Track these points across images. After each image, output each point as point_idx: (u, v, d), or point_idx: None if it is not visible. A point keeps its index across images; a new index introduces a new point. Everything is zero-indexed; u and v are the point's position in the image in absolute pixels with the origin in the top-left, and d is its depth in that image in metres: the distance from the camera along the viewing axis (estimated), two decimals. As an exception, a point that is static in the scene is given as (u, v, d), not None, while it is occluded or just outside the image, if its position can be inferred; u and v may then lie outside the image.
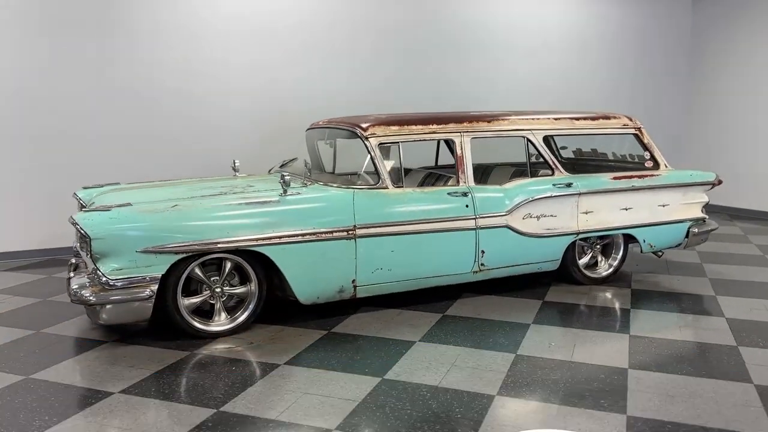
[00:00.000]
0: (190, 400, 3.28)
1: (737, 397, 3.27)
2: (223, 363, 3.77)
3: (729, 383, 3.44)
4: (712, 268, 5.95)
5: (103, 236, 3.81)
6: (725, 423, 3.00)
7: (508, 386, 3.40)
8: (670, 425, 2.99)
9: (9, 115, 6.18)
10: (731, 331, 4.23)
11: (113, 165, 6.52)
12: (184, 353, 3.93)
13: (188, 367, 3.72)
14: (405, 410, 3.14)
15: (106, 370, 3.70)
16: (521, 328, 4.32)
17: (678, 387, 3.40)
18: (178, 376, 3.59)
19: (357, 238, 4.38)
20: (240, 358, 3.84)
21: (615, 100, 9.09)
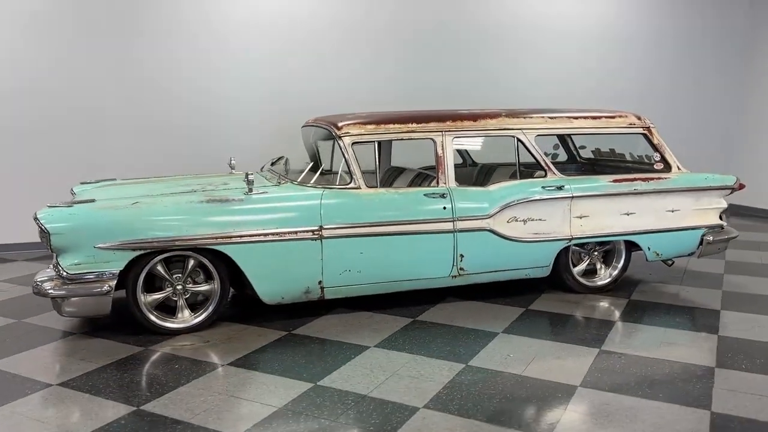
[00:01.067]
0: (116, 397, 3.30)
1: (684, 425, 2.99)
2: (168, 360, 3.78)
3: (684, 409, 3.15)
4: (732, 279, 5.50)
5: (61, 231, 3.90)
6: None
7: (439, 399, 3.25)
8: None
9: (28, 107, 6.48)
10: (716, 351, 3.88)
11: (127, 160, 6.71)
12: (138, 349, 3.98)
13: (134, 362, 3.76)
14: (321, 418, 3.05)
15: (57, 361, 3.79)
16: (487, 337, 4.13)
17: (622, 410, 3.14)
18: (119, 371, 3.63)
19: (323, 238, 4.30)
20: (188, 356, 3.85)
21: (657, 101, 8.57)
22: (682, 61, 8.72)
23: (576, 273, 5.07)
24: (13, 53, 6.38)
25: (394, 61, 7.64)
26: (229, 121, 7.13)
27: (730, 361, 3.72)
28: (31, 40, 6.42)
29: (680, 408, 3.15)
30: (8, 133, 6.45)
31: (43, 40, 6.46)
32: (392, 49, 7.63)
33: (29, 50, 6.43)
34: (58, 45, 6.51)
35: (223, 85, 7.07)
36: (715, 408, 3.14)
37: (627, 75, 8.53)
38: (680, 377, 3.50)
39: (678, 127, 8.56)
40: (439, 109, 5.36)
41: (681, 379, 3.47)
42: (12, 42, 6.36)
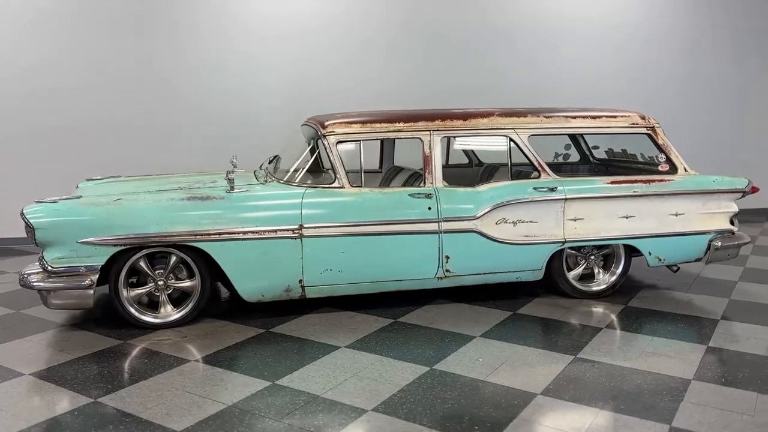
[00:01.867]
0: (80, 388, 3.39)
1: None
2: (140, 355, 3.86)
3: (642, 422, 3.01)
4: (746, 287, 5.23)
5: (45, 226, 4.03)
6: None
7: (390, 402, 3.21)
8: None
9: (47, 106, 6.73)
10: (699, 363, 3.69)
11: (144, 157, 6.89)
12: (117, 342, 4.07)
13: (108, 355, 3.85)
14: (266, 417, 3.06)
15: (37, 352, 3.92)
16: (463, 341, 4.05)
17: (577, 421, 3.02)
18: (92, 363, 3.73)
19: (303, 237, 4.30)
20: (161, 351, 3.92)
21: (696, 100, 8.23)
22: (704, 60, 8.34)
23: (571, 277, 4.92)
24: (31, 54, 6.63)
25: (411, 61, 7.58)
26: (246, 121, 7.22)
27: (710, 374, 3.53)
28: (50, 41, 6.66)
29: (638, 421, 3.01)
30: (29, 131, 6.70)
31: (62, 42, 6.69)
32: (409, 49, 7.56)
33: (50, 51, 6.66)
34: (75, 45, 6.73)
35: (240, 86, 7.18)
36: (676, 423, 2.99)
37: (652, 74, 8.22)
38: (650, 389, 3.34)
39: (713, 127, 8.22)
40: (454, 108, 5.21)
41: (650, 391, 3.32)
42: (30, 43, 6.61)
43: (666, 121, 8.01)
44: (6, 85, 6.67)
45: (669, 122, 8.03)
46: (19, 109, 6.72)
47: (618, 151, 6.09)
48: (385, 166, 5.94)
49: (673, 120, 7.99)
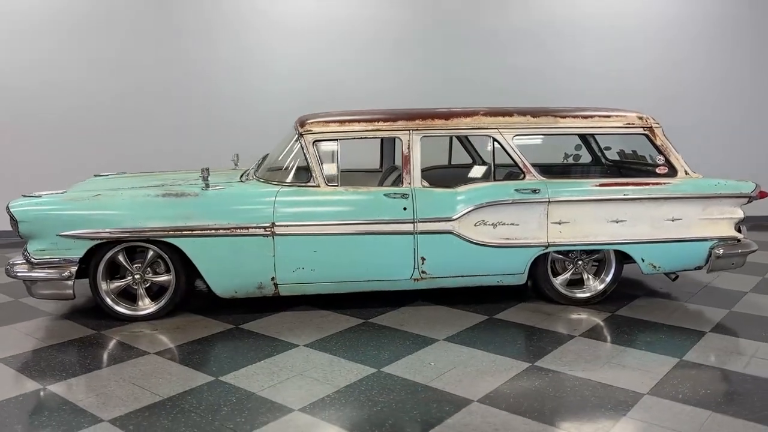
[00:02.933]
0: (35, 375, 3.56)
1: (554, 453, 2.74)
2: (105, 345, 4.01)
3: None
4: (754, 299, 4.92)
5: (27, 219, 4.23)
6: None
7: (320, 403, 3.20)
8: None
9: (76, 106, 7.05)
10: (662, 377, 3.50)
11: (163, 153, 7.11)
12: (90, 332, 4.24)
13: (77, 345, 4.02)
14: (192, 413, 3.10)
15: (15, 338, 4.13)
16: (425, 344, 3.99)
17: (494, 427, 2.92)
18: (58, 352, 3.90)
19: (275, 235, 4.34)
20: (127, 342, 4.05)
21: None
22: (742, 56, 7.85)
23: (558, 283, 4.75)
24: (51, 53, 6.97)
25: (428, 59, 7.51)
26: (264, 118, 7.32)
27: (668, 390, 3.33)
28: (70, 40, 6.98)
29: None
30: (52, 128, 7.05)
31: (86, 44, 7.00)
32: (427, 48, 7.50)
33: (70, 50, 6.98)
34: (95, 46, 7.02)
35: (258, 84, 7.29)
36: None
37: (683, 72, 7.81)
38: (595, 402, 3.19)
39: (750, 128, 7.76)
40: (456, 107, 5.09)
41: (593, 405, 3.17)
42: (50, 42, 6.95)
43: (696, 121, 7.65)
44: (26, 84, 7.01)
45: (699, 122, 7.66)
46: (43, 106, 7.06)
47: (629, 152, 5.83)
48: (385, 165, 5.90)
49: (703, 119, 7.61)
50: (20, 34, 6.94)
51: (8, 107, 7.03)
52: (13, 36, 6.94)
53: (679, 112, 7.52)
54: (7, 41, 6.94)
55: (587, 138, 5.92)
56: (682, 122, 7.62)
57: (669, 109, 7.41)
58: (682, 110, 7.61)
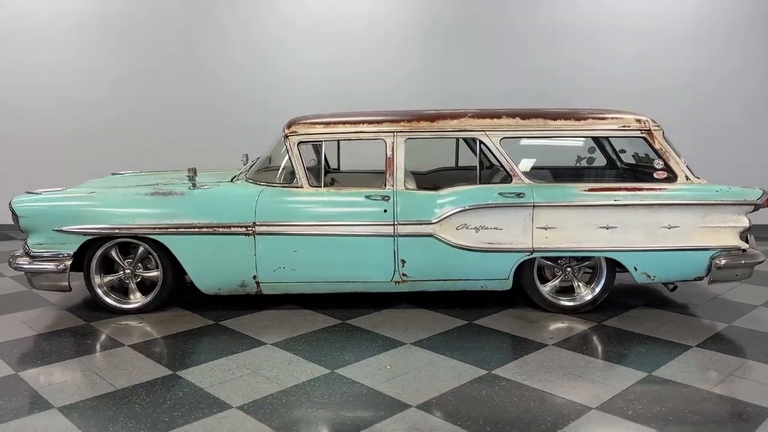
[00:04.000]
0: (12, 361, 3.79)
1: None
2: (86, 335, 4.22)
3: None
4: (763, 314, 4.63)
5: (27, 215, 4.50)
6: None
7: (261, 402, 3.26)
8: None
9: (109, 106, 7.42)
10: (619, 392, 3.36)
11: (181, 152, 7.35)
12: (81, 323, 4.46)
13: (62, 335, 4.25)
14: (135, 405, 3.22)
15: (9, 326, 4.40)
16: (390, 347, 3.99)
17: (418, 429, 2.90)
18: (43, 340, 4.14)
19: (256, 235, 4.43)
20: (108, 334, 4.25)
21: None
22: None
23: (546, 290, 4.63)
24: (90, 62, 7.35)
25: (449, 60, 7.45)
26: (280, 119, 7.45)
27: (619, 405, 3.20)
28: (109, 49, 7.34)
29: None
30: (77, 127, 7.44)
31: (120, 50, 7.34)
32: (448, 49, 7.43)
33: (109, 59, 7.35)
34: (116, 49, 7.35)
35: (285, 86, 7.42)
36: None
37: (720, 73, 7.40)
38: (536, 414, 3.11)
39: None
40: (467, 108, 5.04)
41: (533, 416, 3.09)
42: (92, 50, 7.33)
43: (732, 123, 7.24)
44: (56, 85, 7.43)
45: (736, 124, 7.25)
46: (74, 109, 7.45)
47: (642, 155, 5.60)
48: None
49: (740, 122, 7.21)
50: (42, 39, 7.35)
51: (34, 108, 7.45)
52: (40, 40, 7.36)
53: (708, 116, 7.17)
54: (33, 46, 7.36)
55: (601, 141, 5.71)
56: (710, 126, 7.28)
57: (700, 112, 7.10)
58: (711, 115, 7.25)
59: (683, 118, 7.17)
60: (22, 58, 7.44)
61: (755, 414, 3.10)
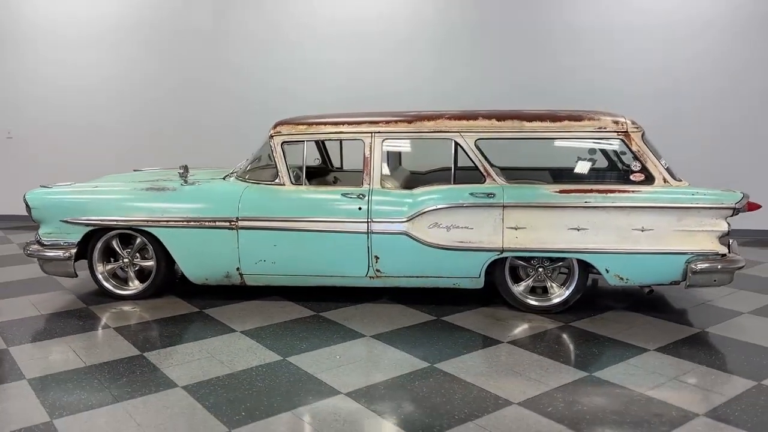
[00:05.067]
0: (8, 338, 4.20)
1: (365, 447, 2.86)
2: (80, 317, 4.60)
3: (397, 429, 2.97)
4: (745, 321, 4.52)
5: (37, 206, 4.95)
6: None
7: (205, 383, 3.51)
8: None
9: (135, 105, 7.94)
10: (547, 389, 3.42)
11: (208, 151, 7.78)
12: (81, 306, 4.88)
13: (60, 316, 4.65)
14: (94, 380, 3.56)
15: (21, 308, 4.85)
16: (349, 338, 4.18)
17: (337, 418, 3.08)
18: (41, 320, 4.56)
19: (239, 229, 4.72)
20: (99, 316, 4.63)
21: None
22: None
23: (520, 290, 4.69)
24: (120, 64, 7.87)
25: (480, 60, 7.52)
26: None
27: (542, 402, 3.26)
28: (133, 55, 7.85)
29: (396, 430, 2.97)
30: (127, 129, 7.98)
31: (144, 55, 7.84)
32: (472, 49, 7.51)
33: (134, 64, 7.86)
34: (161, 58, 7.83)
35: (308, 89, 7.71)
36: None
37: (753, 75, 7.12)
38: (454, 404, 3.22)
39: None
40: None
41: (452, 404, 3.20)
42: (122, 54, 7.86)
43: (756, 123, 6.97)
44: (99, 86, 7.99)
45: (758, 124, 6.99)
46: (108, 106, 8.00)
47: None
48: (391, 166, 6.05)
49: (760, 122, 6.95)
50: (76, 40, 7.93)
51: (77, 107, 8.06)
52: (76, 41, 7.94)
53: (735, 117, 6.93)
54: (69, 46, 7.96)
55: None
56: (735, 126, 7.04)
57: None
58: (742, 117, 7.01)
59: (698, 116, 6.97)
60: (53, 57, 8.05)
61: (677, 417, 3.10)
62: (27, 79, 8.20)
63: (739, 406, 3.22)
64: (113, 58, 8.03)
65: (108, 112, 8.12)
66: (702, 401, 3.26)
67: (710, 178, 5.82)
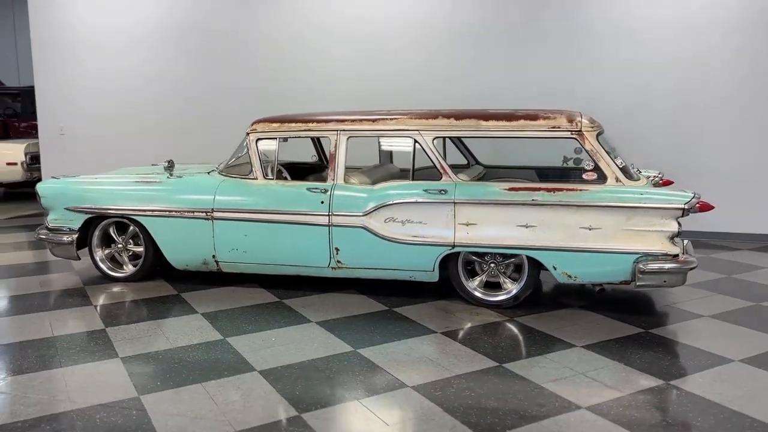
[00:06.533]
0: (8, 309, 4.75)
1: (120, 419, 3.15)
2: (75, 295, 5.10)
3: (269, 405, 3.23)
4: (699, 325, 4.47)
5: (45, 195, 5.53)
6: None
7: (143, 355, 3.89)
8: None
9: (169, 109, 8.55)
10: (444, 377, 3.58)
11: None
12: (80, 286, 5.40)
13: (60, 293, 5.18)
14: (50, 349, 4.01)
15: (27, 286, 5.42)
16: (295, 323, 4.44)
17: (242, 392, 3.38)
18: (43, 297, 5.09)
19: (214, 219, 5.10)
20: (90, 296, 5.11)
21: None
22: None
23: (473, 284, 4.82)
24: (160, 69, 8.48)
25: (501, 59, 7.62)
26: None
27: (431, 388, 3.42)
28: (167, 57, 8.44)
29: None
30: (163, 126, 8.61)
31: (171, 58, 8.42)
32: (495, 48, 7.61)
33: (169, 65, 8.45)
34: (197, 60, 8.39)
35: (324, 89, 8.06)
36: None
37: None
38: (352, 383, 3.44)
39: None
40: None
41: (349, 384, 3.43)
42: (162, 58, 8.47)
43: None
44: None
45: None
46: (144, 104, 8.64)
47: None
48: (382, 162, 6.29)
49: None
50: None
51: (119, 106, 8.74)
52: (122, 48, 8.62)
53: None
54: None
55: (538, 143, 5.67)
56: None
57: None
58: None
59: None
60: (98, 61, 8.78)
61: (557, 408, 3.18)
62: (77, 81, 8.97)
63: (629, 402, 3.25)
64: (150, 61, 8.65)
65: (146, 110, 8.76)
66: (592, 395, 3.32)
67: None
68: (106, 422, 3.07)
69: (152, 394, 3.36)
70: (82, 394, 3.35)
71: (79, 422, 3.07)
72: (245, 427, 3.02)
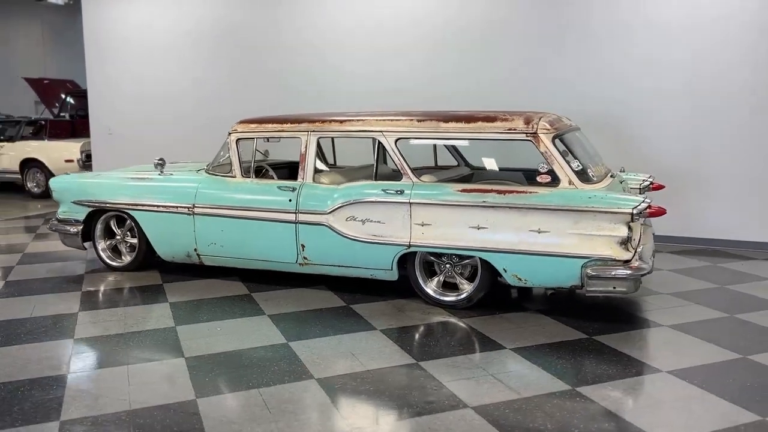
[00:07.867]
0: (8, 291, 5.25)
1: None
2: (71, 282, 5.54)
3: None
4: (658, 335, 4.37)
5: (56, 189, 6.04)
6: None
7: (101, 339, 4.23)
8: None
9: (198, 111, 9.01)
10: (356, 370, 3.70)
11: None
12: (81, 274, 5.87)
13: (59, 279, 5.64)
14: (31, 330, 4.43)
15: (35, 272, 5.94)
16: (249, 315, 4.66)
17: (166, 375, 3.64)
18: (41, 281, 5.57)
19: (195, 215, 5.43)
20: (85, 283, 5.54)
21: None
22: None
23: (430, 284, 4.88)
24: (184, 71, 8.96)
25: (520, 58, 7.60)
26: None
27: (338, 378, 3.56)
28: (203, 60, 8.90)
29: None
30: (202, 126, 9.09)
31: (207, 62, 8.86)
32: (514, 48, 7.60)
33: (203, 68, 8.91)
34: (227, 63, 8.82)
35: (332, 88, 8.28)
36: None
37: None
38: (271, 372, 3.62)
39: None
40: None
41: (270, 372, 3.61)
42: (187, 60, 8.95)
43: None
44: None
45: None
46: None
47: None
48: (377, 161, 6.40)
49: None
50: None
51: (163, 107, 9.29)
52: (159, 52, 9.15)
53: None
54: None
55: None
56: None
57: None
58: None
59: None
60: (142, 65, 9.35)
61: (444, 406, 3.23)
62: (123, 84, 9.62)
63: (520, 406, 3.25)
64: (189, 66, 9.16)
65: (185, 114, 9.29)
66: (485, 396, 3.33)
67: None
68: (27, 395, 3.38)
69: (79, 374, 3.65)
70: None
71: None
72: (143, 406, 3.24)
